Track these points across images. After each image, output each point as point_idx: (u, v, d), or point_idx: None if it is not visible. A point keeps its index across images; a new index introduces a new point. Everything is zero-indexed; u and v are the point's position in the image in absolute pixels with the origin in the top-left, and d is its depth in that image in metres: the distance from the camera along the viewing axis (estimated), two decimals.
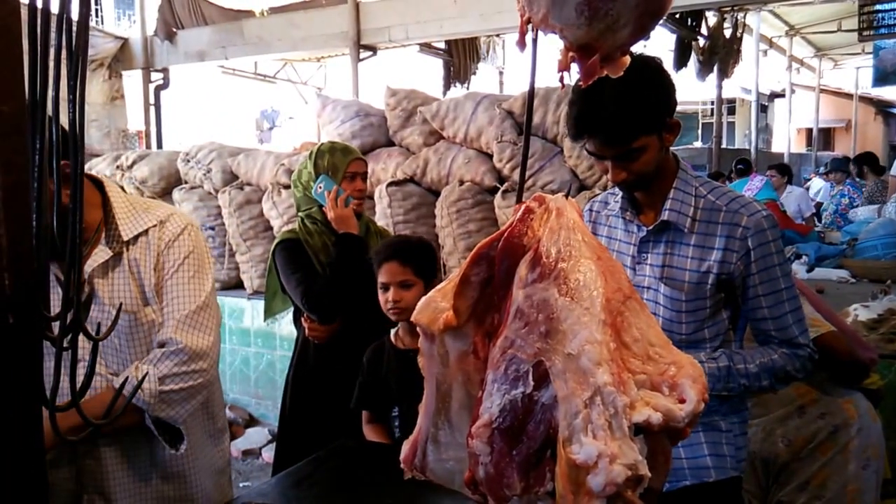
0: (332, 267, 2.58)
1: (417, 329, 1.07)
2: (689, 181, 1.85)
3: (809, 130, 21.55)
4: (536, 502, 0.92)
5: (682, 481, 1.82)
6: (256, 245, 4.77)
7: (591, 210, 2.03)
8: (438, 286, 1.04)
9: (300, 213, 2.80)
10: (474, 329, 1.02)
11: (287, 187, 4.66)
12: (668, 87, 1.76)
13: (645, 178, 1.79)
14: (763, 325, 1.81)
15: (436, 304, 1.01)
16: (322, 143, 2.80)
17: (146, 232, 1.76)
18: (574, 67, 1.19)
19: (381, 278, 2.38)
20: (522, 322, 0.94)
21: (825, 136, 23.91)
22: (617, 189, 1.97)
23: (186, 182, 5.17)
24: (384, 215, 4.25)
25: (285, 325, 3.78)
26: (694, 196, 1.83)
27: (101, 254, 1.71)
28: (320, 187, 2.66)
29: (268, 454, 4.43)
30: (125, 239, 1.73)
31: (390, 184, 4.33)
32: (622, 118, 1.64)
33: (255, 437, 4.58)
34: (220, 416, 1.95)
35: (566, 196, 1.03)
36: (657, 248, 1.85)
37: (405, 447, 1.13)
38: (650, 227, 1.85)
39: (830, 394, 2.44)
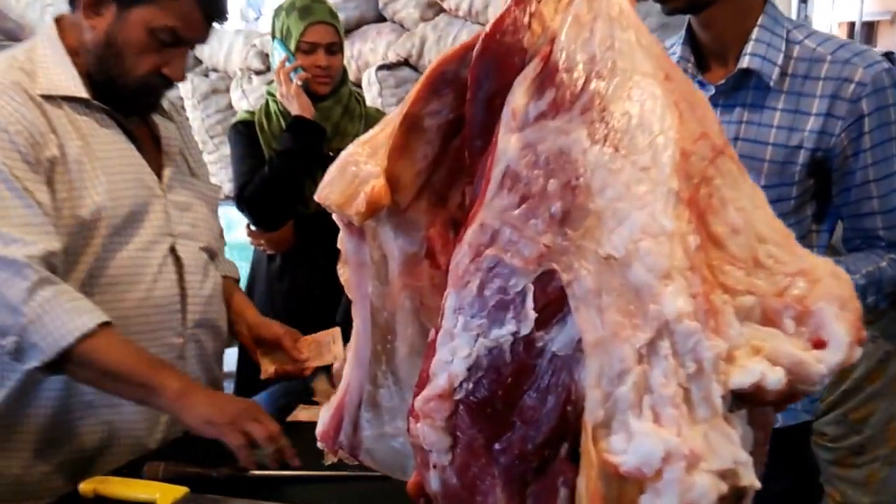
0: (273, 159, 2.12)
1: (335, 217, 0.64)
2: (780, 21, 1.40)
3: (851, 24, 20.49)
4: None
5: None
6: (226, 142, 4.31)
7: None
8: (365, 135, 0.60)
9: (267, 87, 2.35)
10: (428, 213, 0.58)
11: (259, 73, 4.19)
12: None
13: None
14: (868, 223, 1.39)
15: (356, 169, 0.57)
16: None
17: (172, 101, 1.68)
18: None
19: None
20: (515, 195, 0.51)
21: (868, 31, 22.79)
22: (669, 42, 1.51)
23: None
24: (373, 105, 3.79)
25: None
26: (785, 40, 1.37)
27: (163, 120, 1.58)
28: (275, 56, 2.18)
29: None
30: (165, 107, 1.61)
31: (380, 67, 3.85)
32: None
33: (228, 358, 4.23)
34: None
35: None
36: (728, 113, 1.41)
37: (324, 415, 0.72)
38: (720, 84, 1.39)
39: (888, 315, 2.11)
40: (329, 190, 0.57)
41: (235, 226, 4.40)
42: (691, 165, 0.53)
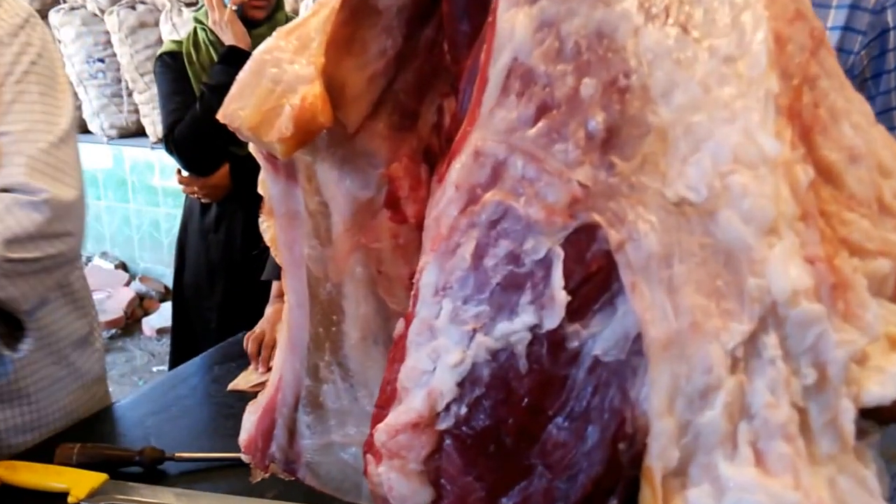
0: (204, 95, 1.88)
1: (251, 148, 0.44)
2: None
3: None
4: None
5: None
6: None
7: None
8: (290, 23, 0.40)
9: (195, 14, 2.10)
10: (389, 139, 0.39)
11: (190, 4, 3.87)
12: None
13: None
14: None
15: (277, 71, 0.37)
16: None
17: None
18: None
19: None
20: (529, 104, 0.31)
21: None
22: None
23: (65, 1, 4.36)
24: None
25: None
26: None
27: None
28: None
29: None
30: None
31: None
32: None
33: (166, 312, 3.98)
34: (88, 306, 1.38)
35: None
36: None
37: (250, 418, 0.53)
38: None
39: None
40: (238, 104, 0.38)
41: (168, 171, 4.13)
42: (789, 58, 0.34)
